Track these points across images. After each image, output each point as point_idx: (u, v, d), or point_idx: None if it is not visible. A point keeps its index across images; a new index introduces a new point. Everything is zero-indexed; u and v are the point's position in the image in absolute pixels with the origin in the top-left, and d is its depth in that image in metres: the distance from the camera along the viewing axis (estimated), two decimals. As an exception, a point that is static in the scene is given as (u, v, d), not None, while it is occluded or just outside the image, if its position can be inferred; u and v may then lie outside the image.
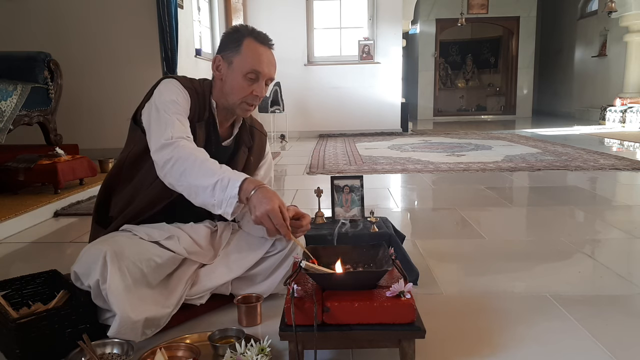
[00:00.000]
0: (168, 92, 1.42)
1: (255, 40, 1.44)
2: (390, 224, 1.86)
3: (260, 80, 1.45)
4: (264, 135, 1.73)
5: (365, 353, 1.26)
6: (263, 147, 1.72)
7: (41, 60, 3.34)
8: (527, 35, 10.62)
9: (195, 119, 1.48)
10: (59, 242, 2.40)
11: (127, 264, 1.30)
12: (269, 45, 1.47)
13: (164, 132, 1.34)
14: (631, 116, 7.42)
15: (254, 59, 1.43)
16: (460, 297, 1.64)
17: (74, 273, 1.37)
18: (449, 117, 11.09)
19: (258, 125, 1.72)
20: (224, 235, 1.61)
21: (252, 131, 1.67)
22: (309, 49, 7.55)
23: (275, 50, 1.51)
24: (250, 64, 1.42)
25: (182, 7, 5.04)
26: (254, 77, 1.44)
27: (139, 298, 1.30)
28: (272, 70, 1.48)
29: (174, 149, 1.31)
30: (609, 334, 1.36)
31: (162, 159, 1.33)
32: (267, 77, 1.47)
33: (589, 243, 2.21)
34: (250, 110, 1.52)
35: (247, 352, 1.15)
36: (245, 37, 1.44)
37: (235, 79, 1.44)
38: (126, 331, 1.26)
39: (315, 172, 4.18)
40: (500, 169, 4.10)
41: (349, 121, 7.62)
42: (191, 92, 1.47)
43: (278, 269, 1.57)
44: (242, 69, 1.43)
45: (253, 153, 1.66)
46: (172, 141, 1.32)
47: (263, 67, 1.44)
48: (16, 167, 2.94)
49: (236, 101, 1.47)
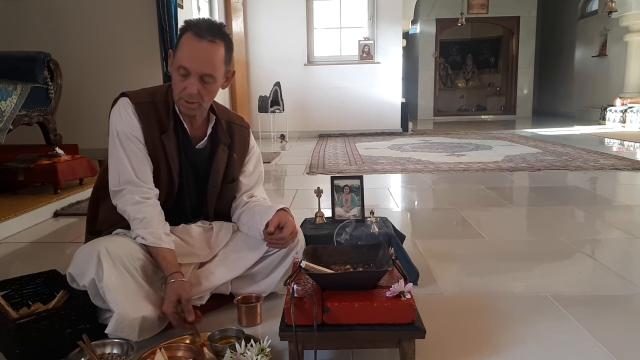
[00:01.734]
0: (117, 120, 1.43)
1: (193, 35, 1.36)
2: (390, 224, 1.86)
3: (191, 77, 1.37)
4: (245, 128, 1.65)
5: (365, 353, 1.26)
6: (246, 141, 1.65)
7: (41, 60, 3.34)
8: (527, 35, 10.62)
9: (159, 132, 1.44)
10: (58, 242, 2.40)
11: (122, 262, 1.31)
12: (210, 40, 1.36)
13: (113, 176, 1.43)
14: (631, 116, 7.42)
15: (185, 54, 1.36)
16: (460, 297, 1.64)
17: (69, 275, 1.37)
18: (449, 117, 11.09)
19: (238, 120, 1.65)
20: (221, 234, 1.60)
21: (231, 127, 1.60)
22: (309, 49, 7.55)
23: (275, 50, 1.48)
24: (180, 59, 1.37)
25: (182, 7, 5.04)
26: (184, 73, 1.37)
27: (137, 296, 1.30)
28: (204, 66, 1.37)
29: (118, 198, 1.42)
30: (609, 334, 1.36)
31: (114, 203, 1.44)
32: (198, 73, 1.37)
33: (589, 243, 2.21)
34: (191, 109, 1.42)
35: (247, 352, 1.15)
36: (185, 32, 1.38)
37: (173, 75, 1.41)
38: (124, 329, 1.26)
39: (315, 172, 4.18)
40: (501, 169, 4.10)
41: (349, 121, 7.61)
42: (146, 109, 1.44)
43: (278, 267, 1.57)
44: (176, 63, 1.38)
45: (235, 150, 1.60)
46: (119, 189, 1.42)
47: (190, 62, 1.35)
48: (16, 167, 2.94)
49: (176, 98, 1.43)
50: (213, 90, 1.43)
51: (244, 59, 7.20)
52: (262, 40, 7.30)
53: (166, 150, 1.45)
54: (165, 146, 1.45)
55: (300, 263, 1.20)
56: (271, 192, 3.71)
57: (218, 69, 1.40)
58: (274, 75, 7.05)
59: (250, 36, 7.30)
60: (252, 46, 7.32)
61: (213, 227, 1.62)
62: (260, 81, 7.25)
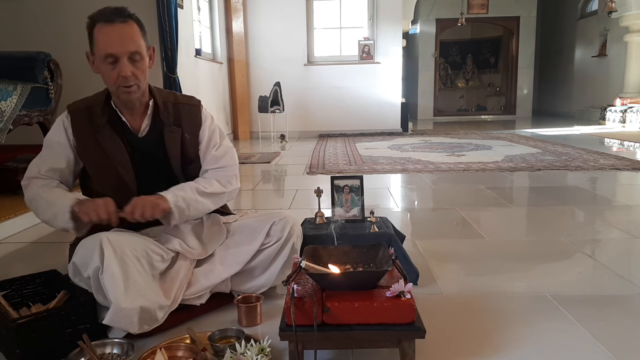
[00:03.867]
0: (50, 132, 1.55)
1: (103, 23, 1.39)
2: (390, 224, 1.86)
3: (120, 60, 1.38)
4: (194, 106, 1.62)
5: (365, 353, 1.26)
6: (196, 118, 1.61)
7: (41, 60, 3.34)
8: (527, 35, 10.62)
9: (92, 132, 1.48)
10: (59, 242, 2.39)
11: (124, 251, 1.32)
12: (122, 21, 1.39)
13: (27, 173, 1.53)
14: (631, 116, 7.42)
15: (104, 42, 1.38)
16: (460, 297, 1.64)
17: (73, 264, 1.38)
18: (449, 117, 11.09)
19: (185, 100, 1.63)
20: (213, 231, 1.59)
21: (178, 107, 1.58)
22: (309, 49, 7.55)
23: (275, 50, 1.48)
24: (102, 49, 1.38)
25: (182, 7, 5.03)
26: (113, 60, 1.39)
27: (135, 286, 1.30)
28: (128, 45, 1.39)
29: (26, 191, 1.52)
30: (609, 334, 1.36)
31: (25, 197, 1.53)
32: (125, 54, 1.38)
33: (589, 243, 2.21)
34: (130, 92, 1.43)
35: (247, 352, 1.15)
36: (94, 25, 1.40)
37: (101, 68, 1.42)
38: (120, 319, 1.26)
39: (315, 172, 4.18)
40: (501, 169, 4.10)
41: (349, 121, 7.62)
42: (79, 115, 1.50)
43: (275, 260, 1.57)
44: (99, 56, 1.40)
45: (185, 129, 1.58)
46: (24, 183, 1.52)
47: (115, 47, 1.37)
48: (16, 167, 2.94)
49: (113, 89, 1.45)
50: (144, 69, 1.45)
51: (244, 59, 7.20)
52: (262, 40, 7.30)
53: (103, 147, 1.47)
54: (100, 143, 1.47)
55: (300, 263, 1.21)
56: (271, 192, 3.71)
57: (141, 45, 1.43)
58: (274, 75, 7.04)
59: (250, 36, 7.30)
60: (252, 46, 7.32)
61: (203, 223, 1.61)
62: (260, 81, 7.25)
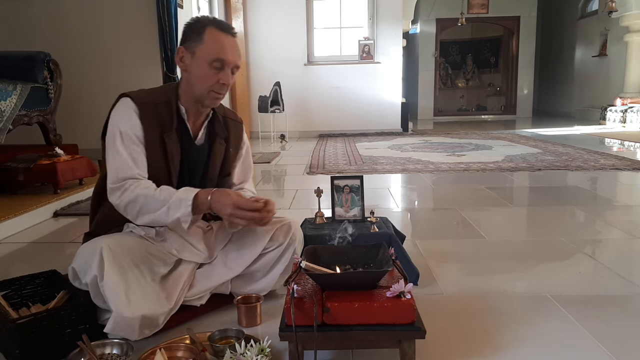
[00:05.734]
0: (119, 119, 1.43)
1: (217, 29, 1.42)
2: (391, 224, 1.86)
3: (225, 69, 1.43)
4: (239, 123, 1.69)
5: (365, 353, 1.26)
6: (240, 136, 1.69)
7: (41, 60, 3.34)
8: (528, 35, 10.62)
9: (161, 131, 1.45)
10: (58, 242, 2.40)
11: (124, 259, 1.32)
12: (232, 34, 1.45)
13: (111, 175, 1.40)
14: (632, 116, 7.42)
15: (217, 47, 1.41)
16: (460, 297, 1.64)
17: (72, 270, 1.38)
18: (449, 117, 11.09)
19: (232, 115, 1.68)
20: (219, 235, 1.60)
21: (227, 122, 1.63)
22: (309, 49, 7.55)
23: (275, 50, 1.49)
24: (215, 53, 1.40)
25: (182, 7, 5.03)
26: (219, 66, 1.41)
27: (136, 295, 1.30)
28: (237, 58, 1.45)
29: (120, 194, 1.38)
30: (609, 334, 1.36)
31: (114, 202, 1.40)
32: (232, 65, 1.44)
33: (589, 243, 2.21)
34: (219, 99, 1.48)
35: (247, 352, 1.15)
36: (207, 26, 1.42)
37: (201, 69, 1.42)
38: (122, 328, 1.26)
39: (315, 172, 4.18)
40: (501, 169, 4.10)
41: (349, 121, 7.61)
42: (148, 109, 1.44)
43: (277, 265, 1.57)
44: (207, 57, 1.41)
45: (231, 144, 1.63)
46: (116, 186, 1.39)
47: (227, 55, 1.42)
48: (16, 167, 2.94)
49: (203, 91, 1.45)
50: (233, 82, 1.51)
51: (244, 59, 7.19)
52: (262, 40, 7.30)
53: (166, 149, 1.46)
54: (166, 145, 1.46)
55: (300, 263, 1.20)
56: (271, 192, 3.70)
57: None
58: (274, 75, 7.04)
59: (250, 36, 7.30)
60: (252, 46, 7.32)
61: (212, 228, 1.62)
62: (260, 81, 7.25)
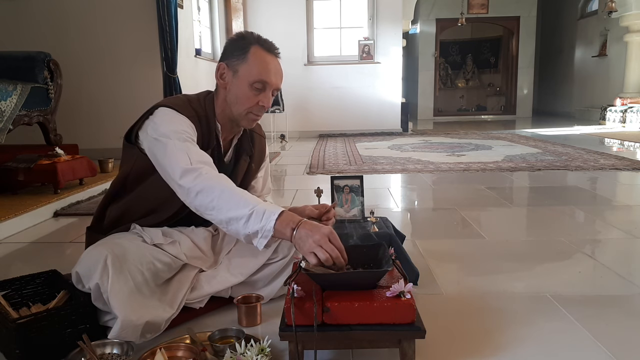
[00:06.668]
0: (169, 123, 1.34)
1: (262, 49, 1.38)
2: (390, 224, 1.86)
3: (267, 90, 1.39)
4: (263, 138, 1.69)
5: (365, 353, 1.26)
6: (263, 150, 1.69)
7: (41, 60, 3.34)
8: (527, 35, 10.62)
9: (199, 143, 1.39)
10: (58, 242, 2.40)
11: (128, 267, 1.30)
12: (276, 54, 1.41)
13: (180, 159, 1.26)
14: (631, 116, 7.42)
15: (261, 68, 1.37)
16: (460, 297, 1.64)
17: (76, 274, 1.36)
18: (449, 117, 11.09)
19: (258, 130, 1.67)
20: (225, 241, 1.59)
21: (253, 137, 1.62)
22: (309, 49, 7.55)
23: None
24: (258, 74, 1.36)
25: (182, 7, 5.03)
26: (261, 87, 1.38)
27: (140, 301, 1.29)
28: (280, 80, 1.42)
29: (195, 177, 1.24)
30: (609, 334, 1.36)
31: (185, 186, 1.26)
32: (274, 87, 1.41)
33: (589, 243, 2.21)
34: (255, 121, 1.46)
35: (247, 352, 1.15)
36: (252, 45, 1.38)
37: (241, 89, 1.38)
38: (127, 334, 1.26)
39: (315, 172, 4.18)
40: (501, 169, 4.10)
41: (349, 121, 7.62)
42: (194, 119, 1.39)
43: (279, 276, 1.56)
44: (249, 78, 1.37)
45: (254, 160, 1.62)
46: (192, 167, 1.26)
47: (270, 77, 1.38)
48: (16, 167, 2.94)
49: (242, 112, 1.41)
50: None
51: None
52: (262, 40, 7.29)
53: None
54: None
55: (300, 263, 1.20)
56: (271, 192, 3.70)
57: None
58: (274, 75, 7.04)
59: (250, 36, 7.29)
60: (252, 46, 7.31)
61: (219, 233, 1.61)
62: (260, 81, 7.24)
